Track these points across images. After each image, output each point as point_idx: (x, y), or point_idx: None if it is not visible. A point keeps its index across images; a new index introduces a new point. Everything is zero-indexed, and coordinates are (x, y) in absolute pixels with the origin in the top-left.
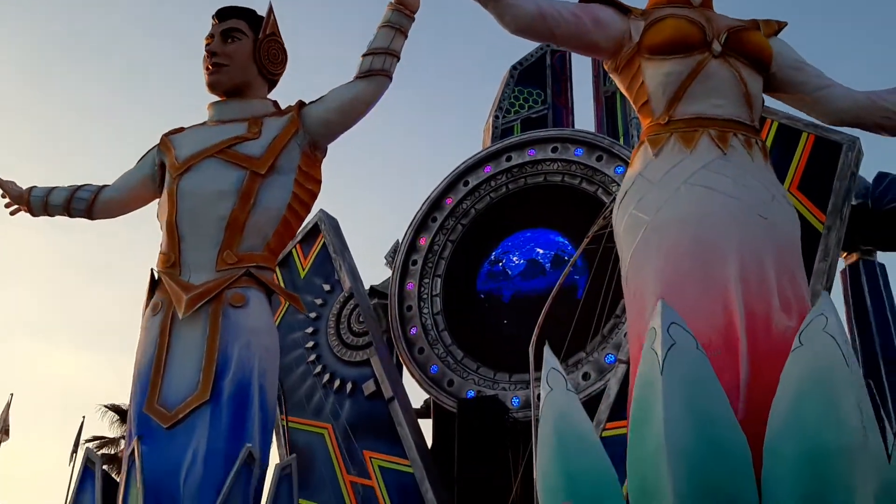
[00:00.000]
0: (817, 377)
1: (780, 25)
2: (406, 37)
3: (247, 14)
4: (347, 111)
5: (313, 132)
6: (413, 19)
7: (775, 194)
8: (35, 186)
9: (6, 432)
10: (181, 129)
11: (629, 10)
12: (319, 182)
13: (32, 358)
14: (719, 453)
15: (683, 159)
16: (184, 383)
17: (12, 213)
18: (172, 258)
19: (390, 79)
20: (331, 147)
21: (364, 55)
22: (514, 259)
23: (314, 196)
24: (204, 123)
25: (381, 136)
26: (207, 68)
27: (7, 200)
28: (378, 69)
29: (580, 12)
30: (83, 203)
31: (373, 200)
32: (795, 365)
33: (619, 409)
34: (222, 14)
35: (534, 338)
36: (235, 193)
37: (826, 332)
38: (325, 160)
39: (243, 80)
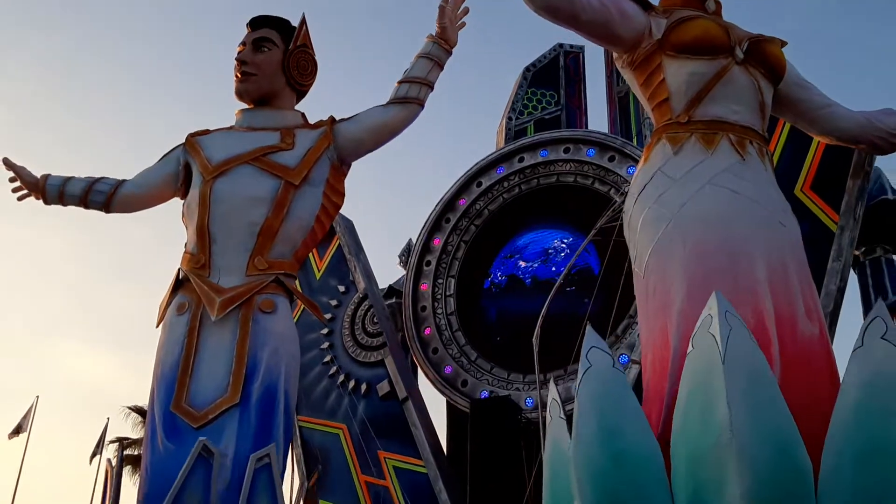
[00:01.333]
0: (700, 379)
1: (783, 44)
2: (442, 69)
3: (279, 24)
4: (380, 133)
5: (343, 148)
6: (451, 54)
7: (786, 204)
8: (50, 174)
9: (17, 431)
10: (206, 131)
11: (651, 6)
12: (343, 195)
13: (59, 360)
14: (627, 465)
15: (704, 159)
16: (212, 385)
17: (20, 199)
18: (202, 260)
19: (423, 108)
20: None
21: (401, 82)
22: (499, 275)
23: (338, 208)
24: (232, 128)
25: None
26: (236, 76)
27: (16, 185)
28: (413, 97)
29: (608, 1)
30: (102, 196)
31: (387, 201)
32: (686, 369)
33: None
34: (256, 23)
35: (537, 330)
36: (270, 202)
37: (709, 333)
38: None
39: (270, 90)
